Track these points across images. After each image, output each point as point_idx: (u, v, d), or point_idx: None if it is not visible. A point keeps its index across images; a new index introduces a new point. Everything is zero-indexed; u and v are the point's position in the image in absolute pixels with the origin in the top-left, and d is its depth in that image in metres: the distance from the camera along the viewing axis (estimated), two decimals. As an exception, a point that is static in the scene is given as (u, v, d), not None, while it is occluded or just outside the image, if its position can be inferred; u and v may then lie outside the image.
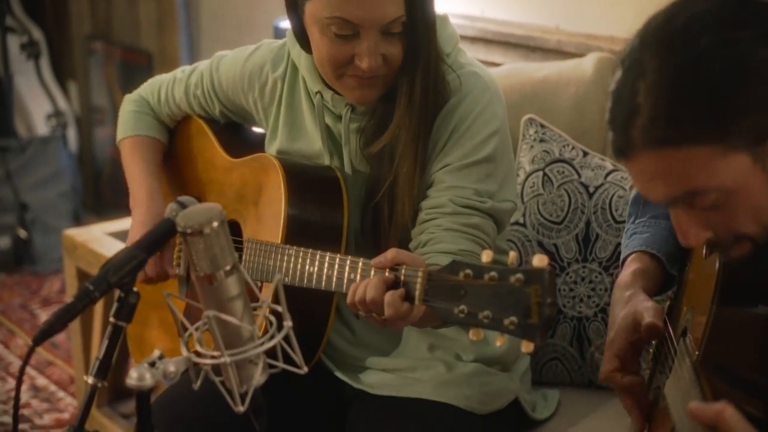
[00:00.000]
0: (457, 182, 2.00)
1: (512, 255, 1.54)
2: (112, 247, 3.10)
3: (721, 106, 1.44)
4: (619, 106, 1.50)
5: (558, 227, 2.41)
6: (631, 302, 1.84)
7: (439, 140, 2.03)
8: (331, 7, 1.92)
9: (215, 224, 1.49)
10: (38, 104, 5.23)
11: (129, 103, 2.41)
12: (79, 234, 3.22)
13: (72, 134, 5.30)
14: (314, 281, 1.89)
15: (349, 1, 1.91)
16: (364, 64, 1.93)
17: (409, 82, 2.00)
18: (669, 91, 1.44)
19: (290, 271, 1.94)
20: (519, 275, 1.50)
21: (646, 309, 1.79)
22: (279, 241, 2.02)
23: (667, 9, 1.51)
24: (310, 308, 2.04)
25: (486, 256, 1.57)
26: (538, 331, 1.49)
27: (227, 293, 1.52)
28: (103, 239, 3.16)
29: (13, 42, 5.18)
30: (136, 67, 4.94)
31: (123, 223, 3.30)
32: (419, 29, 1.97)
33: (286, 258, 1.95)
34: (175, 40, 4.66)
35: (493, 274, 1.53)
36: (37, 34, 5.28)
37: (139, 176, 2.31)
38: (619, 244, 2.35)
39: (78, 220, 5.07)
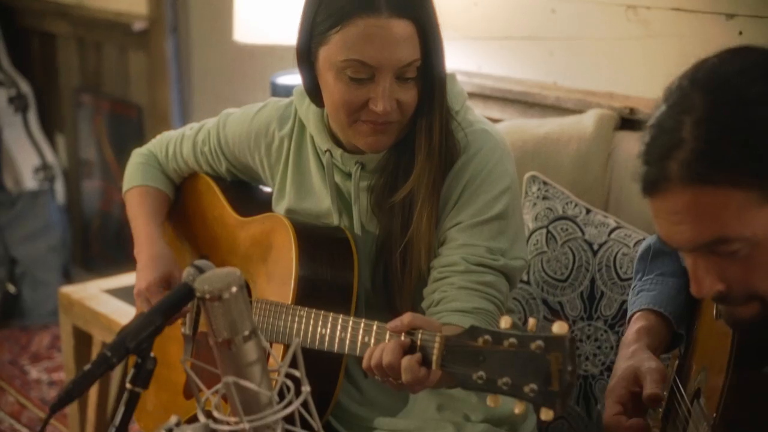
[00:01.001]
0: (469, 240, 1.99)
1: (531, 321, 1.53)
2: (108, 305, 3.08)
3: (765, 154, 1.43)
4: (659, 138, 1.48)
5: (563, 285, 2.41)
6: (634, 357, 1.84)
7: (450, 198, 2.03)
8: (348, 50, 1.93)
9: (234, 289, 1.48)
10: (26, 157, 5.22)
11: (137, 156, 2.42)
12: (75, 291, 3.20)
13: (60, 187, 5.28)
14: (326, 343, 1.88)
15: (366, 44, 1.92)
16: (379, 108, 1.94)
17: (427, 130, 2.00)
18: (716, 130, 1.44)
19: (301, 332, 1.93)
20: (540, 342, 1.50)
21: (649, 371, 1.79)
22: (289, 302, 2.01)
23: (722, 54, 1.52)
24: (319, 369, 2.02)
25: (505, 322, 1.56)
26: (559, 398, 1.49)
27: (246, 358, 1.51)
28: (100, 296, 3.14)
29: (1, 95, 5.18)
30: (125, 120, 4.93)
31: (119, 280, 3.29)
32: (434, 77, 1.98)
33: (297, 319, 1.95)
34: (166, 94, 4.66)
35: (512, 340, 1.53)
36: (25, 87, 5.28)
37: (141, 223, 2.33)
38: (624, 301, 2.35)
39: (67, 275, 5.05)
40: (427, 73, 1.98)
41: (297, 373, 1.54)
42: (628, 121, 2.74)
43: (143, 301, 2.20)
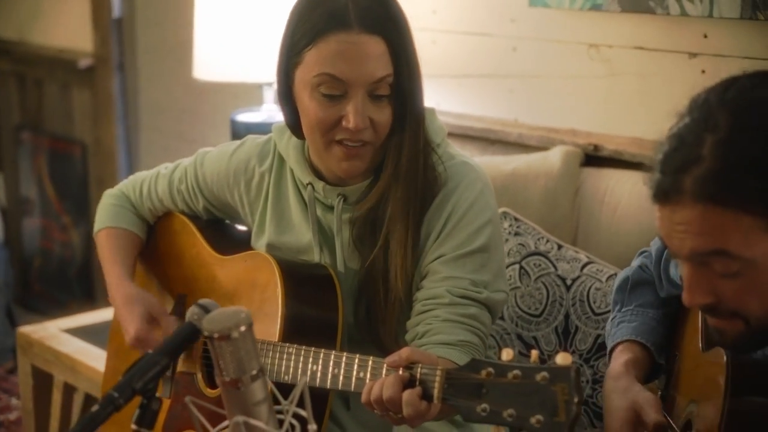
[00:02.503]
0: (453, 273, 2.01)
1: (534, 353, 1.55)
2: (69, 344, 3.04)
3: None
4: (679, 150, 1.51)
5: (537, 320, 2.43)
6: (628, 393, 1.86)
7: (432, 231, 2.04)
8: (320, 65, 1.95)
9: (243, 328, 1.48)
10: (-36, 196, 5.15)
11: (108, 197, 2.40)
12: (34, 331, 3.15)
13: (-2, 225, 5.21)
14: (318, 380, 1.87)
15: (337, 59, 1.94)
16: (352, 124, 1.95)
17: (396, 150, 2.02)
18: (736, 154, 1.47)
19: (291, 369, 1.92)
20: (545, 373, 1.51)
21: (647, 402, 1.82)
22: (276, 340, 2.00)
23: (755, 76, 1.54)
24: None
25: (506, 355, 1.57)
26: (566, 428, 1.50)
27: (253, 398, 1.50)
28: (60, 336, 3.10)
29: (-61, 133, 5.11)
30: (68, 157, 4.89)
31: (78, 320, 3.25)
32: (406, 98, 2.01)
33: (285, 356, 1.94)
34: (112, 131, 4.63)
35: (516, 372, 1.54)
36: (-37, 125, 5.22)
37: (109, 266, 2.30)
38: (598, 336, 2.38)
39: (10, 314, 4.96)
40: (399, 93, 2.00)
41: (302, 413, 1.54)
42: (592, 158, 2.78)
43: (141, 349, 2.18)
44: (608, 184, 2.65)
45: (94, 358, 2.93)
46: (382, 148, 2.04)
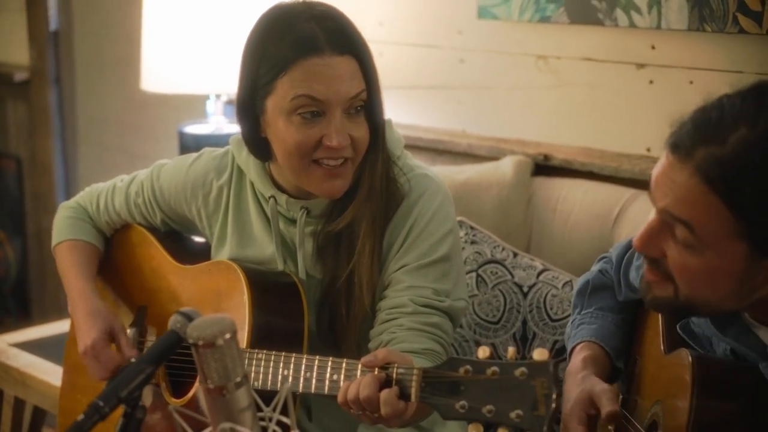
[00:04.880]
0: (416, 282, 2.04)
1: (511, 350, 1.58)
2: (19, 359, 3.01)
3: None
4: (714, 122, 1.57)
5: (495, 327, 2.46)
6: (585, 383, 1.90)
7: (395, 241, 2.07)
8: (295, 88, 1.97)
9: (228, 335, 1.48)
10: None
11: (65, 209, 2.38)
12: (-19, 347, 3.12)
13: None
14: (290, 384, 1.88)
15: (313, 80, 1.96)
16: (334, 142, 1.97)
17: (371, 170, 2.06)
18: (753, 157, 1.54)
19: (260, 375, 1.93)
20: (523, 369, 1.54)
21: (603, 391, 1.86)
22: (244, 347, 2.01)
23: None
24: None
25: (483, 352, 1.60)
26: (546, 421, 1.53)
27: (238, 405, 1.51)
28: (8, 351, 3.06)
29: None
30: (2, 172, 4.83)
31: (26, 334, 3.22)
32: (376, 115, 2.04)
33: (255, 362, 1.94)
34: (48, 145, 4.59)
35: (494, 369, 1.56)
36: None
37: (72, 279, 2.29)
38: (556, 341, 2.42)
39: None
40: (372, 110, 2.04)
41: (284, 419, 1.55)
42: (542, 167, 2.83)
43: (90, 359, 2.17)
44: (560, 193, 2.70)
45: (46, 371, 2.90)
46: (358, 165, 2.06)
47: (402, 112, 3.20)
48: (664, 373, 1.86)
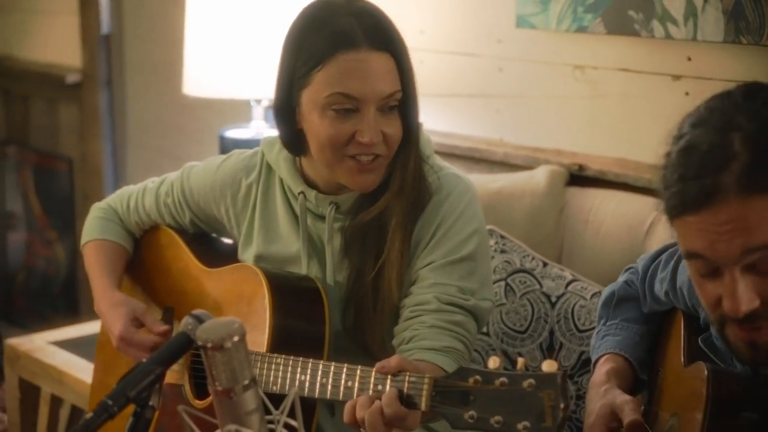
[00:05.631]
0: (441, 279, 2.05)
1: (521, 361, 1.58)
2: (57, 357, 3.06)
3: None
4: (705, 155, 1.52)
5: (522, 336, 2.46)
6: (607, 395, 1.90)
7: (423, 238, 2.08)
8: (331, 85, 1.99)
9: (236, 338, 1.50)
10: (-52, 210, 5.15)
11: (96, 210, 2.42)
12: (21, 343, 3.17)
13: (-17, 240, 5.21)
14: (306, 389, 1.89)
15: (349, 77, 1.98)
16: (366, 138, 1.99)
17: (402, 167, 2.07)
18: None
19: (279, 379, 1.94)
20: (531, 380, 1.54)
21: (625, 402, 1.85)
22: (264, 351, 2.02)
23: (748, 84, 1.59)
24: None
25: (493, 363, 1.61)
26: (553, 433, 1.54)
27: (245, 407, 1.53)
28: (47, 348, 3.11)
29: None
30: (54, 172, 4.90)
31: (65, 332, 3.26)
32: (411, 113, 2.06)
33: (274, 367, 1.96)
34: (99, 147, 4.64)
35: (503, 379, 1.57)
36: (-52, 139, 5.22)
37: (96, 278, 2.33)
38: (582, 352, 2.41)
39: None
40: (407, 107, 2.05)
41: (293, 423, 1.57)
42: (577, 177, 2.82)
43: (125, 347, 2.20)
44: (593, 204, 2.69)
45: (81, 370, 2.94)
46: (390, 162, 2.08)
47: (440, 119, 3.21)
48: (683, 385, 1.85)
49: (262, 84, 3.17)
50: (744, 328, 1.59)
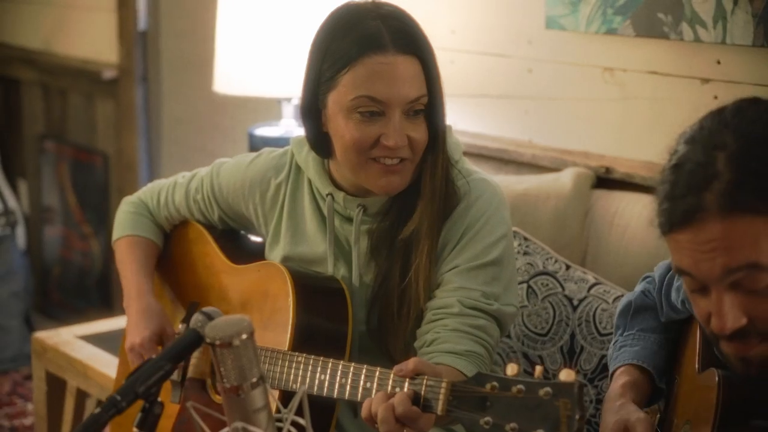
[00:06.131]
0: (465, 283, 2.05)
1: (539, 369, 1.57)
2: (83, 351, 3.08)
3: None
4: (690, 172, 1.52)
5: (543, 339, 2.45)
6: (621, 411, 1.88)
7: (449, 242, 2.08)
8: (357, 88, 2.00)
9: (244, 336, 1.51)
10: (-13, 203, 5.20)
11: (127, 204, 2.43)
12: (48, 337, 3.19)
13: (20, 233, 5.25)
14: (325, 389, 1.90)
15: (375, 80, 1.99)
16: (391, 142, 1.99)
17: (431, 171, 2.07)
18: (753, 162, 1.50)
19: (299, 378, 1.95)
20: (548, 389, 1.53)
21: (639, 420, 1.84)
22: (286, 349, 2.03)
23: (739, 102, 1.59)
24: (312, 415, 2.04)
25: (511, 370, 1.60)
26: (568, 443, 1.53)
27: (253, 405, 1.53)
28: (74, 342, 3.14)
29: (-38, 140, 5.17)
30: (90, 167, 4.93)
31: (92, 327, 3.29)
32: (438, 117, 2.06)
33: (294, 365, 1.97)
34: (134, 143, 4.68)
35: (520, 387, 1.56)
36: (-12, 133, 5.28)
37: (130, 275, 2.34)
38: (603, 356, 2.40)
39: (28, 321, 5.01)
40: (433, 112, 2.05)
41: (301, 421, 1.57)
42: (604, 180, 2.81)
43: (136, 356, 2.21)
44: (618, 207, 2.68)
45: (106, 364, 2.96)
46: (416, 166, 2.07)
47: (470, 120, 3.20)
48: (696, 392, 1.84)
49: (291, 83, 3.18)
50: (734, 344, 1.59)
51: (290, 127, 3.41)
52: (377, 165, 2.04)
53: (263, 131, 3.42)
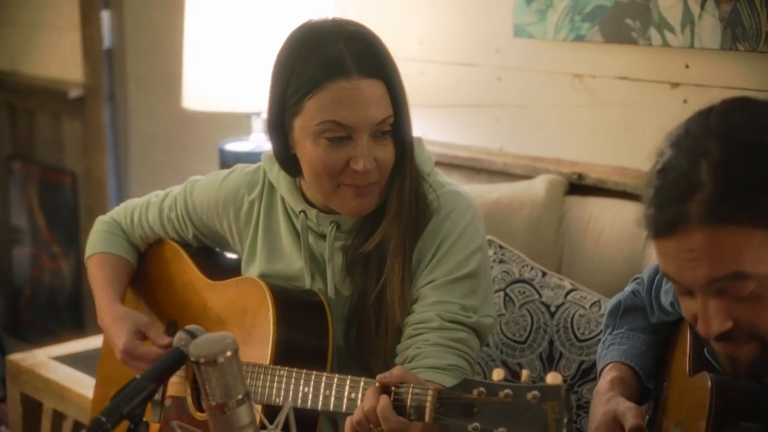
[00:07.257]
0: (443, 297, 2.04)
1: (525, 374, 1.58)
2: (58, 372, 3.06)
3: None
4: (674, 181, 1.52)
5: (522, 347, 2.46)
6: (610, 403, 1.89)
7: (424, 257, 2.08)
8: (322, 113, 1.98)
9: (229, 353, 1.51)
10: (-46, 225, 5.17)
11: (100, 224, 2.43)
12: (23, 359, 3.17)
13: (-12, 255, 5.23)
14: (309, 402, 1.89)
15: (340, 106, 1.97)
16: (360, 166, 1.98)
17: (399, 189, 2.07)
18: (735, 173, 1.49)
19: (282, 391, 1.95)
20: (535, 392, 1.53)
21: (628, 409, 1.84)
22: (267, 364, 2.03)
23: (727, 103, 1.58)
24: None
25: (497, 375, 1.60)
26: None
27: (239, 422, 1.54)
28: (49, 364, 3.11)
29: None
30: (59, 187, 4.91)
31: (67, 347, 3.27)
32: (404, 136, 2.05)
33: (277, 379, 1.96)
34: (102, 161, 4.66)
35: (507, 391, 1.57)
36: (-45, 155, 5.24)
37: (100, 291, 2.33)
38: (582, 362, 2.41)
39: (0, 344, 4.95)
40: (399, 131, 2.04)
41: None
42: (576, 186, 2.82)
43: (130, 360, 2.20)
44: (592, 213, 2.69)
45: (83, 385, 2.94)
46: (385, 185, 2.07)
47: (440, 130, 3.21)
48: (687, 395, 1.84)
49: (261, 97, 3.15)
50: (722, 344, 1.60)
51: (260, 141, 3.40)
52: (347, 189, 2.03)
53: (233, 146, 3.41)
